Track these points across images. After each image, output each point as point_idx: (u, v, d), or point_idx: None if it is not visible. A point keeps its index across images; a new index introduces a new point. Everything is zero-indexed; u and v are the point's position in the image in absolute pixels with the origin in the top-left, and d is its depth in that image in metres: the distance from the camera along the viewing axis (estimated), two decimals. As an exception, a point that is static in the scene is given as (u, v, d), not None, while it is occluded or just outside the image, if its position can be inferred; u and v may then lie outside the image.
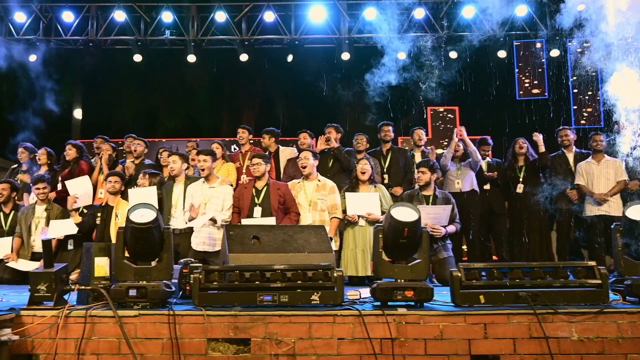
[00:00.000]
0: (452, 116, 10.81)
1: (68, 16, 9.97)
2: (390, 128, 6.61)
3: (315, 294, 3.17)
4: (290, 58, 9.92)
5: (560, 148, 6.59)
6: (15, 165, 7.01)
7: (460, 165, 6.36)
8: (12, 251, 5.89)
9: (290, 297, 3.17)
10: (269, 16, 9.63)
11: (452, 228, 5.26)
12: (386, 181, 6.31)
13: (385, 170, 6.41)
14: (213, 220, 5.08)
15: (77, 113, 14.47)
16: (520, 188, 6.41)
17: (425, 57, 8.61)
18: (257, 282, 3.20)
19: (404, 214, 3.20)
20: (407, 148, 6.89)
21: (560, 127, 6.65)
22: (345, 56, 9.65)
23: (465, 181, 6.31)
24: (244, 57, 9.92)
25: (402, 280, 3.22)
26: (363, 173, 5.42)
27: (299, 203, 5.30)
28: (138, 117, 14.47)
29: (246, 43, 9.87)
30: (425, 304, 3.20)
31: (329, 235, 3.99)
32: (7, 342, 2.99)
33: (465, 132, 6.37)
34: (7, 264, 5.74)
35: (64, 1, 10.09)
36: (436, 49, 9.48)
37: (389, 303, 3.20)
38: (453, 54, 9.51)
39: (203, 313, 3.05)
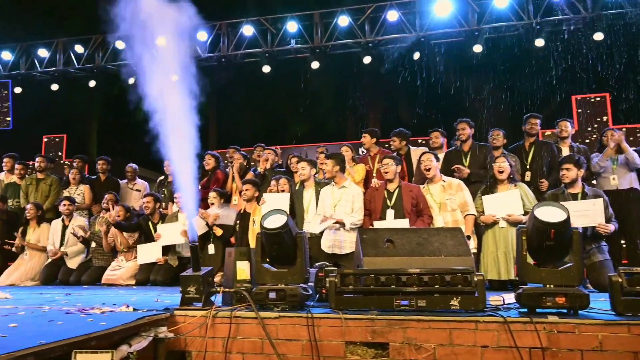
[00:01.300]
0: (601, 104, 9.87)
1: (202, 35, 10.91)
2: (538, 121, 6.22)
3: (454, 298, 3.11)
4: (416, 56, 9.84)
5: None
6: (162, 177, 7.80)
7: (617, 157, 5.79)
8: (163, 255, 6.55)
9: (428, 301, 3.15)
10: (392, 15, 9.66)
11: (612, 227, 4.84)
12: (528, 179, 5.96)
13: (527, 167, 6.05)
14: (341, 224, 5.19)
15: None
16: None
17: (568, 42, 8.00)
18: (392, 286, 3.22)
19: (549, 214, 3.01)
20: (551, 141, 6.42)
21: None
22: (477, 49, 9.33)
23: (622, 177, 5.74)
24: (367, 59, 10.05)
25: (551, 286, 3.03)
26: (501, 172, 5.19)
27: (429, 206, 5.22)
28: (267, 125, 15.33)
29: (370, 45, 9.98)
30: (579, 311, 2.98)
31: (465, 233, 3.89)
32: (163, 339, 3.34)
33: (624, 137, 5.79)
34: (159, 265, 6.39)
35: (198, 22, 11.03)
36: (579, 32, 8.77)
37: (537, 310, 3.03)
38: (598, 36, 8.72)
39: (340, 316, 3.14)
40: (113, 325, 2.92)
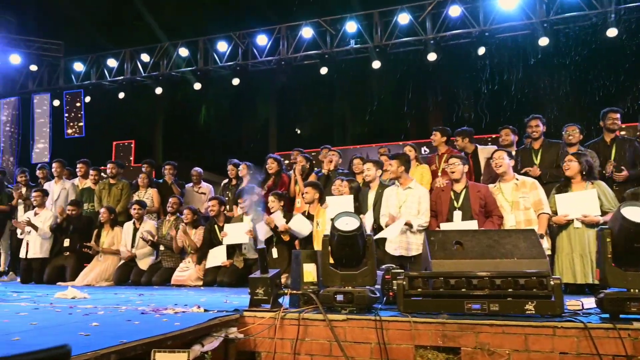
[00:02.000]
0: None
1: (262, 40, 11.14)
2: (618, 115, 5.90)
3: (529, 303, 3.03)
4: (481, 51, 9.62)
5: None
6: (226, 181, 8.02)
7: None
8: (228, 258, 6.73)
9: (500, 306, 3.08)
10: (454, 11, 9.49)
11: None
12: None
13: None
14: (408, 225, 5.15)
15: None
16: None
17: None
18: (463, 290, 3.18)
19: (639, 214, 2.86)
20: (632, 137, 6.08)
21: None
22: (543, 41, 9.00)
23: None
24: (431, 57, 9.91)
25: (637, 290, 2.89)
26: (567, 169, 5.00)
27: (500, 205, 5.09)
28: (327, 126, 15.43)
29: (432, 42, 9.85)
30: (668, 318, 2.83)
31: (539, 232, 3.76)
32: (234, 339, 3.44)
33: None
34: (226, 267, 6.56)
35: (258, 26, 11.31)
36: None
37: (621, 316, 2.89)
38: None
39: (409, 320, 3.13)
40: (187, 326, 3.04)
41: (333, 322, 3.29)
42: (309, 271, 3.77)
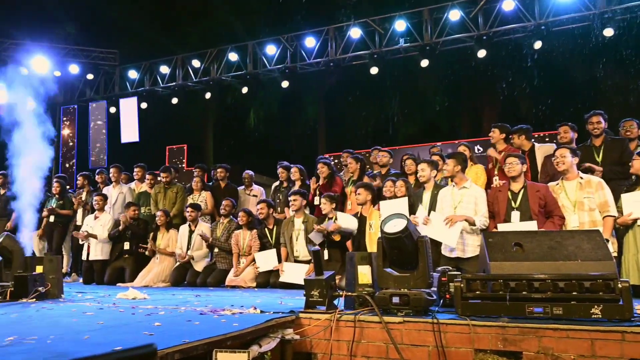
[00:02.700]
0: None
1: (310, 41, 11.24)
2: None
3: (595, 307, 2.94)
4: (537, 45, 9.36)
5: None
6: (277, 183, 8.13)
7: None
8: (279, 261, 6.83)
9: (564, 309, 3.00)
10: (508, 5, 9.30)
11: None
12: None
13: None
14: (470, 222, 5.06)
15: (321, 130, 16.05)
16: None
17: None
18: (524, 292, 3.11)
19: None
20: None
21: None
22: (608, 32, 8.67)
23: None
24: (482, 53, 9.74)
25: None
26: (632, 167, 4.81)
27: (562, 205, 4.93)
28: (376, 127, 15.39)
29: (484, 38, 9.68)
30: None
31: (604, 236, 3.64)
32: (290, 340, 3.50)
33: None
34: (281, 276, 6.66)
35: (306, 28, 11.43)
36: None
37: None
38: None
39: (468, 323, 3.09)
40: (245, 327, 3.13)
41: (389, 325, 3.30)
42: (364, 273, 3.79)
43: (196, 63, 12.65)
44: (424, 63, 10.29)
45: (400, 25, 10.24)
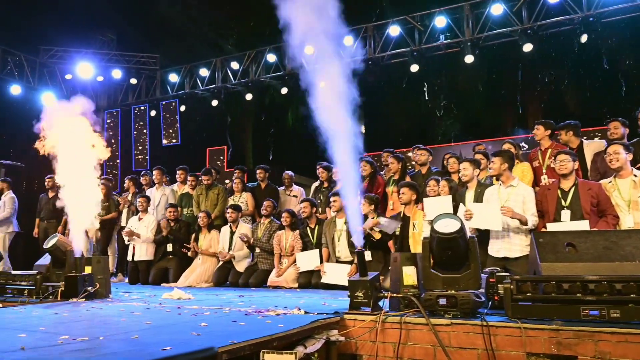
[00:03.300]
0: None
1: (348, 40, 11.21)
2: None
3: (656, 310, 2.82)
4: (584, 38, 9.08)
5: None
6: (318, 183, 8.14)
7: None
8: (321, 262, 6.83)
9: (622, 312, 2.89)
10: (552, -4, 9.06)
11: None
12: None
13: None
14: (523, 223, 4.92)
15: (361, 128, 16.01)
16: None
17: None
18: (578, 295, 3.02)
19: None
20: None
21: None
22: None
23: None
24: (527, 47, 9.51)
25: None
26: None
27: (616, 204, 4.76)
28: (417, 125, 15.25)
29: (528, 32, 9.45)
30: None
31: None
32: (335, 342, 3.49)
33: None
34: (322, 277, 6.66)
35: (344, 27, 11.39)
36: None
37: None
38: None
39: (519, 325, 3.02)
40: (291, 328, 3.14)
41: (436, 327, 3.25)
42: (409, 274, 3.75)
43: (235, 65, 12.82)
44: (467, 59, 10.13)
45: (440, 21, 10.11)
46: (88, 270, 5.03)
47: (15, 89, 12.83)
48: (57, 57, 13.68)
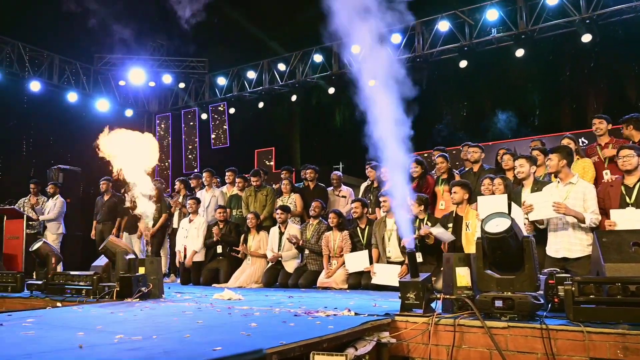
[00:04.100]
0: None
1: (396, 38, 11.12)
2: None
3: None
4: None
5: None
6: (367, 183, 8.09)
7: None
8: (371, 263, 6.78)
9: (696, 316, 2.72)
10: (613, -16, 8.68)
11: None
12: None
13: None
14: (580, 220, 4.72)
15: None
16: None
17: None
18: (646, 297, 2.86)
19: None
20: None
21: None
22: None
23: None
24: (586, 38, 9.15)
25: None
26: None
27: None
28: (468, 122, 14.93)
29: (587, 21, 9.08)
30: None
31: None
32: (386, 344, 3.45)
33: None
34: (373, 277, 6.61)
35: (391, 25, 11.28)
36: None
37: None
38: None
39: (582, 329, 2.89)
40: (341, 329, 3.11)
41: (492, 330, 3.16)
42: (462, 275, 3.66)
43: (282, 66, 12.94)
44: (519, 53, 9.84)
45: (492, 14, 9.87)
46: (142, 271, 5.17)
47: (72, 97, 13.38)
48: (110, 64, 14.19)
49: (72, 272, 5.64)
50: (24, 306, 5.29)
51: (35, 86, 12.54)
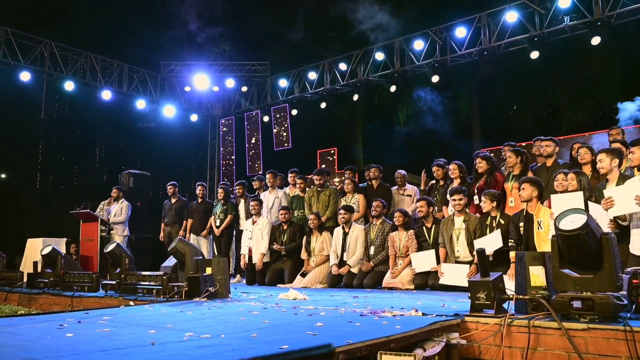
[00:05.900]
0: None
1: (461, 32, 10.88)
2: None
3: None
4: None
5: None
6: (433, 182, 7.93)
7: None
8: (438, 262, 6.66)
9: None
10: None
11: None
12: None
13: None
14: None
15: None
16: None
17: None
18: None
19: None
20: None
21: None
22: None
23: None
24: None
25: None
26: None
27: None
28: (538, 115, 14.41)
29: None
30: None
31: None
32: (456, 345, 3.37)
33: None
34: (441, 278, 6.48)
35: (456, 18, 11.08)
36: None
37: None
38: None
39: (671, 332, 2.72)
40: (408, 329, 3.08)
41: (571, 332, 3.03)
42: (537, 274, 3.52)
43: (343, 66, 12.96)
44: (595, 41, 9.37)
45: (564, 2, 9.44)
46: (209, 271, 5.31)
47: (141, 104, 13.96)
48: (175, 71, 14.71)
49: (143, 273, 5.88)
50: (99, 305, 5.56)
51: (106, 95, 13.19)
